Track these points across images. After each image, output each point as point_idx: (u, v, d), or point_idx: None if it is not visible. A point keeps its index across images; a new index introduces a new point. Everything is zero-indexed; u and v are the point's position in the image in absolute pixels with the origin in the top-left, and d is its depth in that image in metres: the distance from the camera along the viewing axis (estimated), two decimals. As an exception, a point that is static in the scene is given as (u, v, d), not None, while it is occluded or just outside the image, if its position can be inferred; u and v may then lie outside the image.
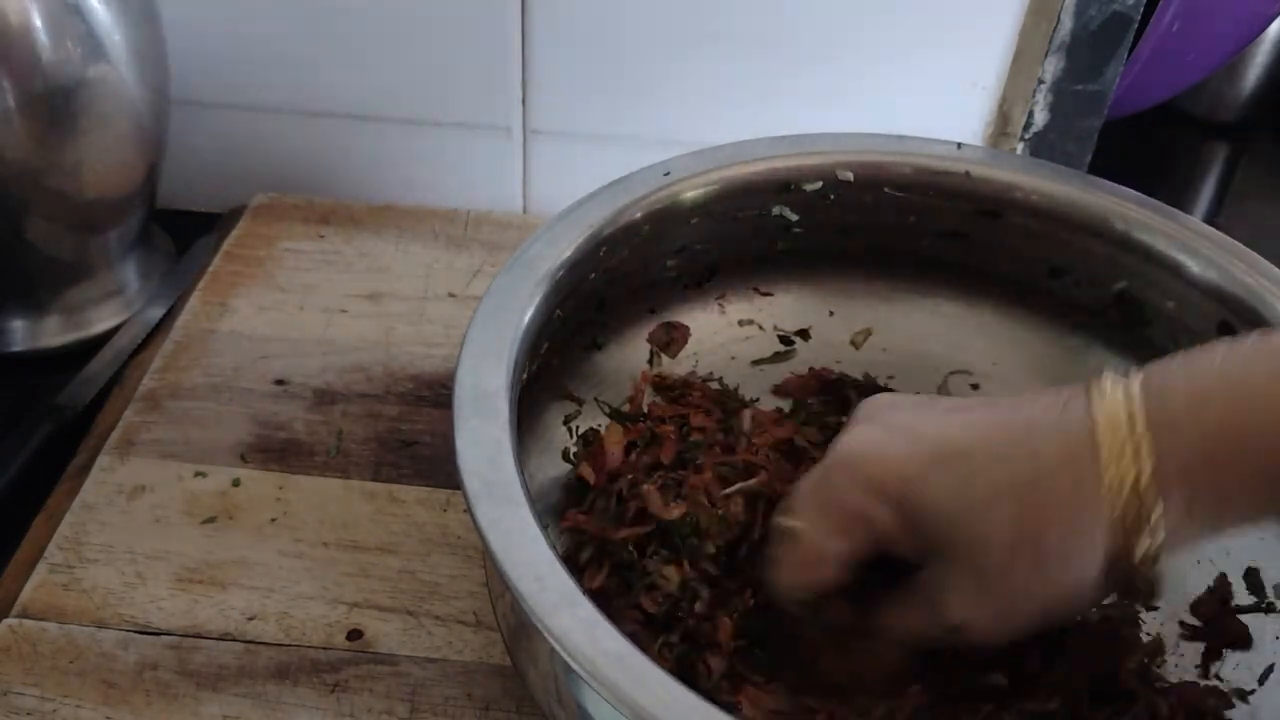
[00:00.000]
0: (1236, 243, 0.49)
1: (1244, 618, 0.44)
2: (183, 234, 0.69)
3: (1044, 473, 0.35)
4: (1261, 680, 0.42)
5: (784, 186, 0.53)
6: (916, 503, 0.36)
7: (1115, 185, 0.52)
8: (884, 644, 0.40)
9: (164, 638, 0.45)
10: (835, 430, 0.44)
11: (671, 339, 0.55)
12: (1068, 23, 0.63)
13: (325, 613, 0.46)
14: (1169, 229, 0.50)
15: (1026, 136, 0.68)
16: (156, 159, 0.62)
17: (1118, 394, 0.34)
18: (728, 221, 0.53)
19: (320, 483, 0.52)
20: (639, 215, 0.49)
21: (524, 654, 0.40)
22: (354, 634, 0.45)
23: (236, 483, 0.51)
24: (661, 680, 0.32)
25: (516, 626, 0.39)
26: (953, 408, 0.38)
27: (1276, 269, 0.48)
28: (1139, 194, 0.52)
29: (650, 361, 0.54)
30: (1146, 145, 0.87)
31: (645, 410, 0.50)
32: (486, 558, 0.36)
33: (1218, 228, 0.50)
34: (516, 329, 0.42)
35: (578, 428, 0.50)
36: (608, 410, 0.50)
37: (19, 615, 0.45)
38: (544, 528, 0.36)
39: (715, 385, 0.53)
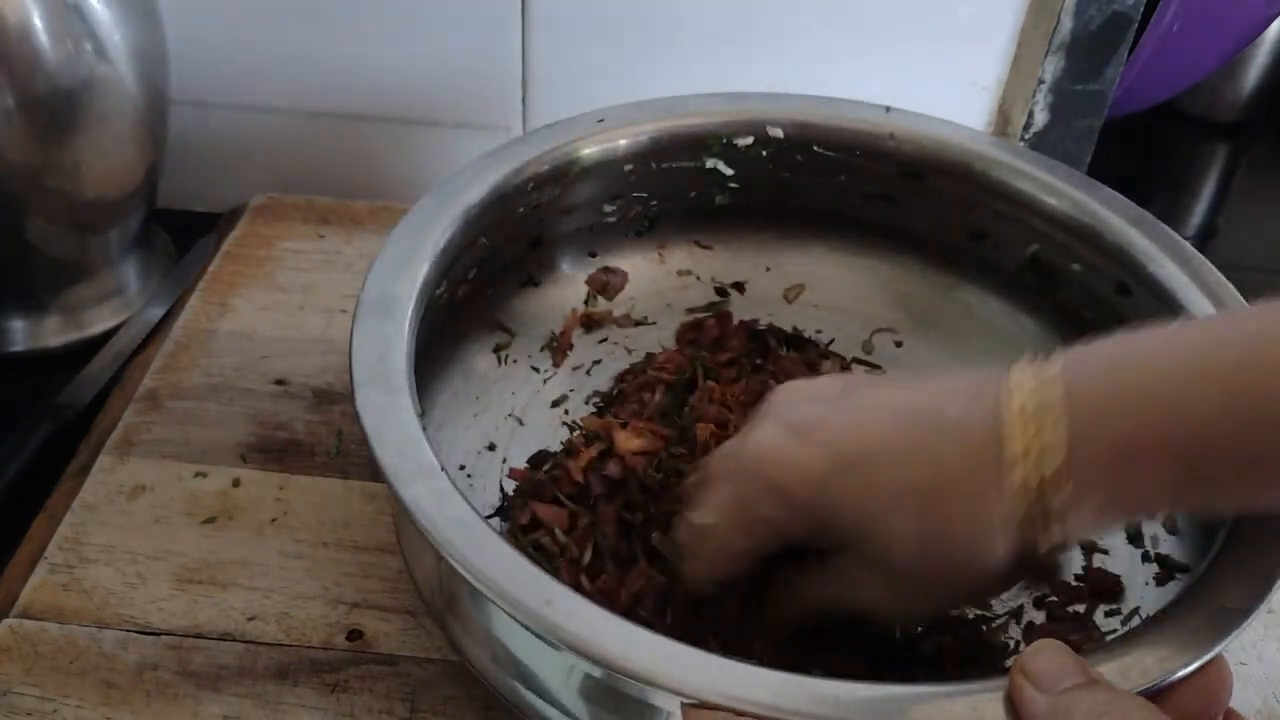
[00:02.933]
0: (1137, 208, 0.51)
1: (1118, 568, 0.46)
2: (183, 234, 0.69)
3: (948, 475, 0.35)
4: (1125, 623, 0.44)
5: (716, 140, 0.55)
6: (821, 508, 0.37)
7: (1031, 152, 0.55)
8: (788, 606, 0.41)
9: (164, 638, 0.45)
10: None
11: (609, 283, 0.58)
12: (1068, 23, 0.63)
13: (325, 613, 0.46)
14: (1071, 194, 0.52)
15: (1027, 136, 0.68)
16: (156, 159, 0.62)
17: (1029, 387, 0.34)
18: (663, 172, 0.56)
19: (320, 483, 0.52)
20: (569, 158, 0.53)
21: (403, 538, 0.44)
22: (354, 634, 0.45)
23: (237, 483, 0.51)
24: (500, 547, 0.34)
25: (399, 514, 0.42)
26: (859, 403, 0.38)
27: (1173, 233, 0.50)
28: (1050, 160, 0.54)
29: (586, 302, 0.57)
30: (1146, 145, 0.87)
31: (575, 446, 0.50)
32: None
33: (1217, 228, 0.51)
34: (432, 247, 0.46)
35: (507, 356, 0.54)
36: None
37: (19, 615, 0.45)
38: (422, 415, 0.39)
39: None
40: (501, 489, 0.49)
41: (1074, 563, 0.47)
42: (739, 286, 0.59)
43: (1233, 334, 0.34)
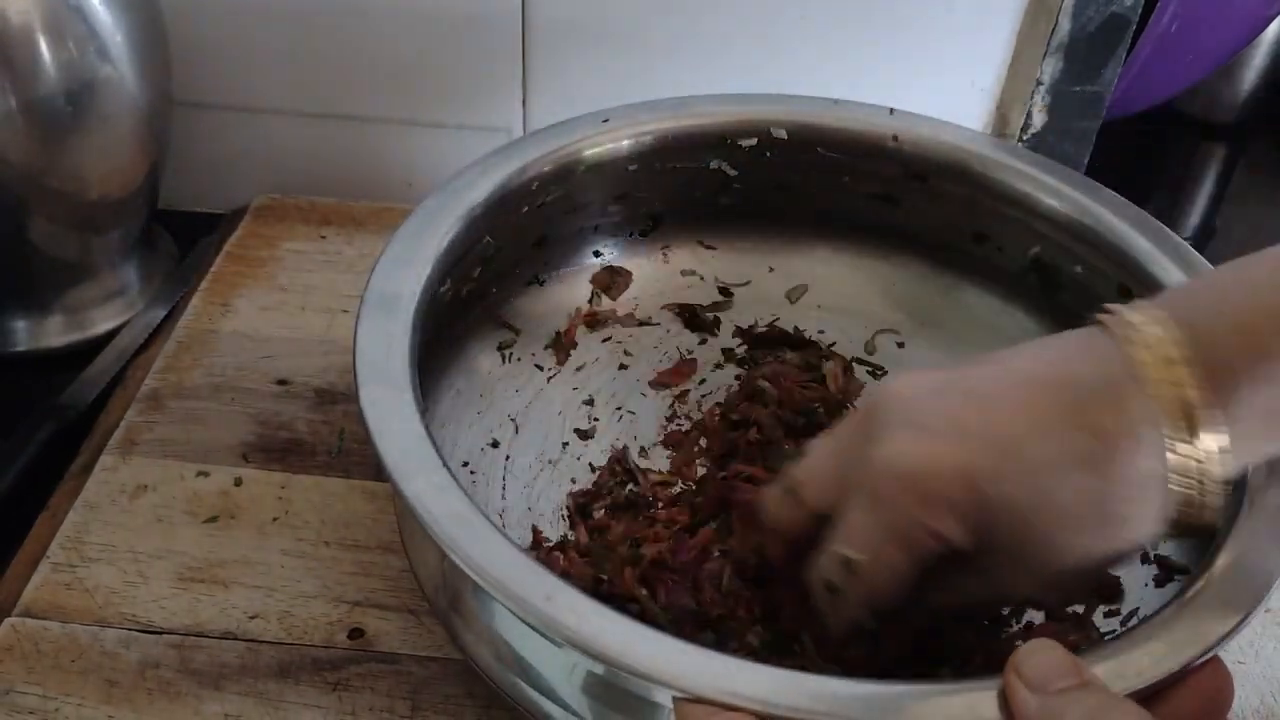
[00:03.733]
0: (1139, 209, 0.51)
1: (1116, 570, 0.45)
2: (185, 234, 0.69)
3: (1106, 436, 0.34)
4: (1124, 623, 0.44)
5: (720, 141, 0.56)
6: (987, 504, 0.35)
7: (1033, 154, 0.55)
8: (927, 612, 0.39)
9: (166, 636, 0.45)
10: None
11: (614, 282, 0.58)
12: (1066, 24, 0.63)
13: (327, 611, 0.46)
14: (1073, 196, 0.53)
15: (1025, 137, 0.68)
16: (158, 160, 0.62)
17: (1149, 328, 0.34)
18: (667, 172, 0.56)
19: (322, 482, 0.52)
20: (574, 157, 0.53)
21: (406, 535, 0.43)
22: (355, 632, 0.46)
23: (238, 482, 0.51)
24: (501, 543, 0.34)
25: (402, 511, 0.42)
26: (977, 387, 0.36)
27: (1174, 235, 0.50)
28: (1052, 162, 0.55)
29: (590, 301, 0.57)
30: (1144, 146, 0.88)
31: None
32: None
33: (1215, 229, 0.52)
34: (436, 245, 0.46)
35: (511, 354, 0.54)
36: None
37: (21, 614, 0.45)
38: (425, 412, 0.39)
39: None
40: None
41: None
42: (743, 287, 0.59)
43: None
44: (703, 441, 0.52)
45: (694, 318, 0.58)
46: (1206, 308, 0.35)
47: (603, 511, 0.48)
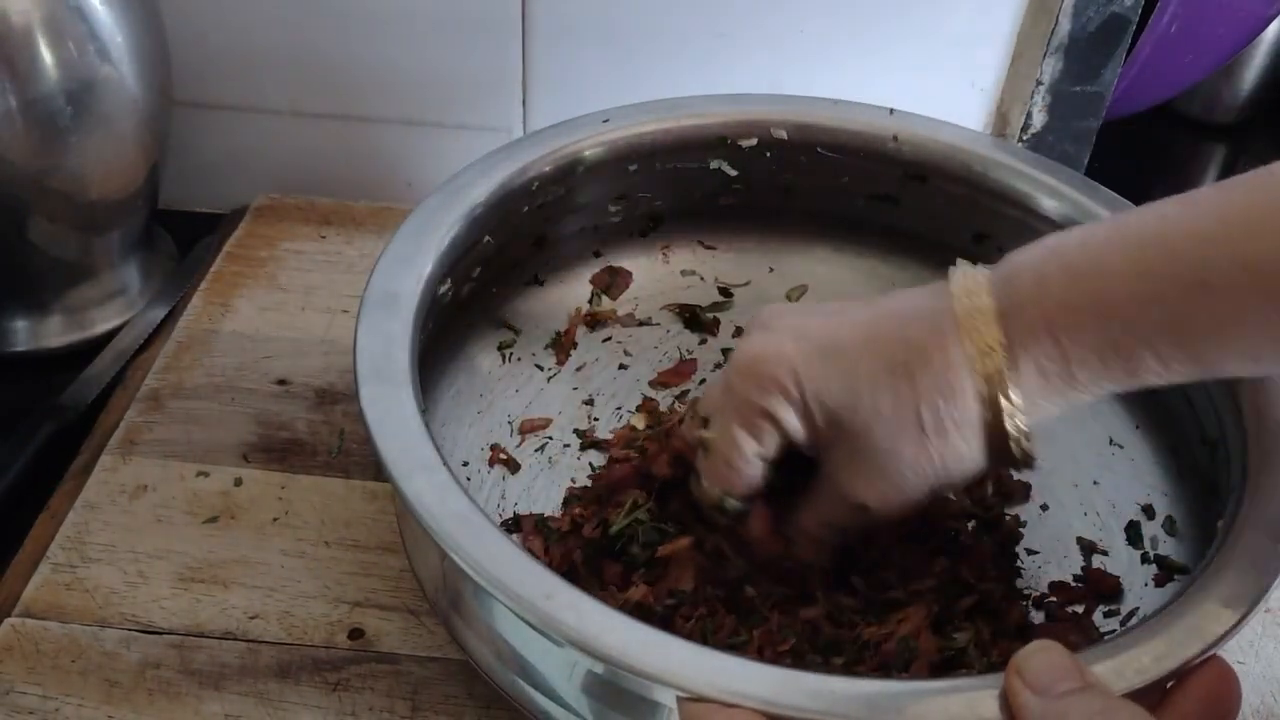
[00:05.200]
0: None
1: (1117, 569, 0.46)
2: (185, 235, 0.69)
3: (914, 354, 0.38)
4: (1124, 623, 0.44)
5: (720, 141, 0.56)
6: (811, 393, 0.39)
7: (1033, 154, 0.56)
8: (802, 546, 0.43)
9: (166, 637, 0.45)
10: None
11: (614, 282, 0.58)
12: (1066, 24, 0.63)
13: (327, 612, 0.46)
14: (1073, 197, 0.53)
15: (1025, 138, 0.68)
16: (158, 160, 0.62)
17: (969, 274, 0.39)
18: (667, 172, 0.56)
19: (322, 482, 0.52)
20: (574, 157, 0.53)
21: (406, 534, 0.43)
22: (355, 633, 0.46)
23: (238, 482, 0.51)
24: (501, 541, 0.35)
25: (402, 511, 0.42)
26: (834, 310, 0.42)
27: None
28: (1052, 162, 0.55)
29: (590, 301, 0.57)
30: (1144, 147, 0.88)
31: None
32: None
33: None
34: (437, 244, 0.46)
35: (511, 354, 0.54)
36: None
37: (22, 614, 0.45)
38: (425, 411, 0.39)
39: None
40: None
41: (1074, 563, 0.47)
42: (743, 288, 0.59)
43: (1151, 213, 0.37)
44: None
45: (694, 318, 0.58)
46: (1025, 258, 0.39)
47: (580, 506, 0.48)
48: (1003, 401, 0.37)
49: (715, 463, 0.42)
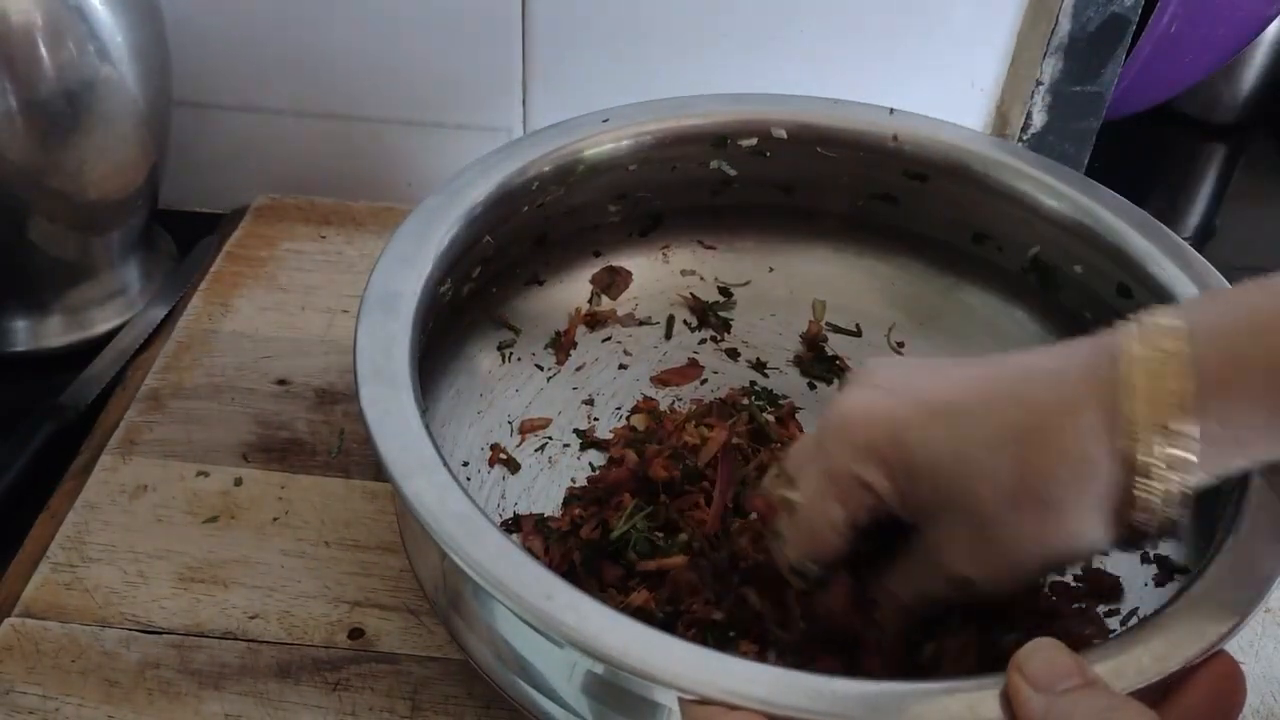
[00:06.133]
0: (1139, 209, 0.51)
1: (1117, 569, 0.46)
2: (185, 234, 0.69)
3: (1042, 420, 0.34)
4: (1124, 623, 0.44)
5: (720, 140, 0.56)
6: (910, 460, 0.36)
7: (1033, 154, 0.55)
8: (886, 614, 0.40)
9: (166, 636, 0.45)
10: None
11: (614, 282, 0.58)
12: (1066, 24, 0.63)
13: (327, 611, 0.46)
14: (1073, 196, 0.53)
15: (1025, 137, 0.68)
16: (158, 160, 0.62)
17: (1151, 331, 0.34)
18: (667, 172, 0.56)
19: (322, 482, 0.52)
20: (574, 157, 0.53)
21: (406, 534, 0.43)
22: (355, 632, 0.46)
23: (238, 482, 0.51)
24: (501, 542, 0.34)
25: (402, 511, 0.42)
26: (947, 366, 0.38)
27: (1174, 235, 0.50)
28: (1052, 162, 0.55)
29: (590, 301, 0.57)
30: (1144, 146, 0.88)
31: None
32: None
33: (1215, 229, 0.51)
34: (436, 244, 0.46)
35: (511, 354, 0.54)
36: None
37: (21, 614, 0.45)
38: (425, 411, 0.39)
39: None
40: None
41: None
42: (743, 287, 0.59)
43: None
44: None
45: (701, 315, 0.58)
46: (1208, 323, 0.34)
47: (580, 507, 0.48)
48: (1154, 469, 0.32)
49: (800, 528, 0.39)
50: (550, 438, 0.52)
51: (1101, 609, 0.45)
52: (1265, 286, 0.34)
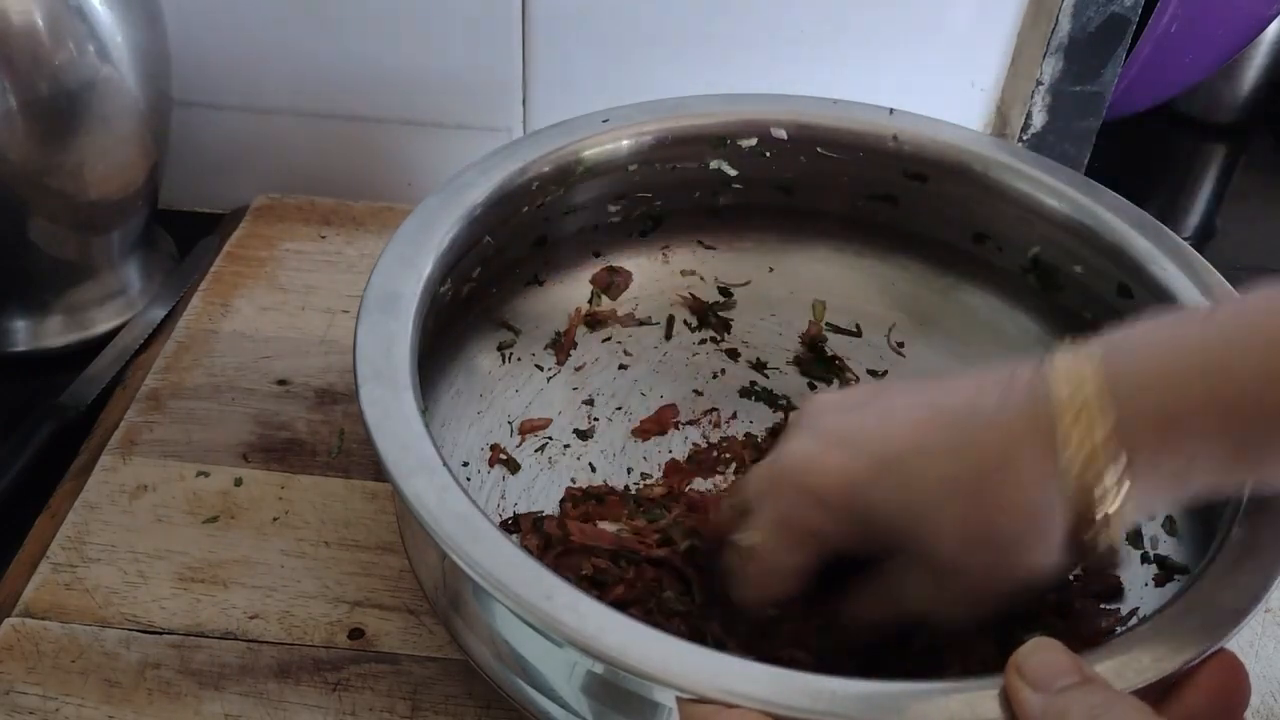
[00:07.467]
0: (1139, 210, 0.51)
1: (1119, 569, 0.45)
2: (185, 234, 0.69)
3: (988, 463, 0.34)
4: (1124, 623, 0.43)
5: (719, 141, 0.56)
6: (864, 512, 0.37)
7: (1033, 154, 0.55)
8: (851, 621, 0.41)
9: (166, 637, 0.45)
10: None
11: (614, 282, 0.58)
12: (1066, 24, 0.63)
13: (327, 611, 0.46)
14: (1073, 196, 0.52)
15: (1025, 137, 0.68)
16: (158, 159, 0.62)
17: (1069, 366, 0.34)
18: (667, 172, 0.56)
19: (322, 482, 0.52)
20: (574, 157, 0.53)
21: (406, 534, 0.43)
22: (355, 633, 0.46)
23: (239, 482, 0.51)
24: (501, 542, 0.34)
25: (402, 511, 0.42)
26: (885, 408, 0.38)
27: (1174, 235, 0.50)
28: (1052, 162, 0.55)
29: (590, 301, 0.57)
30: (1144, 147, 0.88)
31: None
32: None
33: (1215, 229, 0.51)
34: (436, 244, 0.46)
35: (511, 354, 0.54)
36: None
37: (21, 614, 0.45)
38: (425, 411, 0.39)
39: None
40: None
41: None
42: (743, 287, 0.59)
43: (1270, 305, 0.34)
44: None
45: (701, 315, 0.58)
46: (1133, 351, 0.34)
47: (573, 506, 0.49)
48: (1100, 507, 0.33)
49: (752, 572, 0.40)
50: (550, 438, 0.52)
51: (1101, 609, 0.45)
52: (1179, 320, 0.35)
